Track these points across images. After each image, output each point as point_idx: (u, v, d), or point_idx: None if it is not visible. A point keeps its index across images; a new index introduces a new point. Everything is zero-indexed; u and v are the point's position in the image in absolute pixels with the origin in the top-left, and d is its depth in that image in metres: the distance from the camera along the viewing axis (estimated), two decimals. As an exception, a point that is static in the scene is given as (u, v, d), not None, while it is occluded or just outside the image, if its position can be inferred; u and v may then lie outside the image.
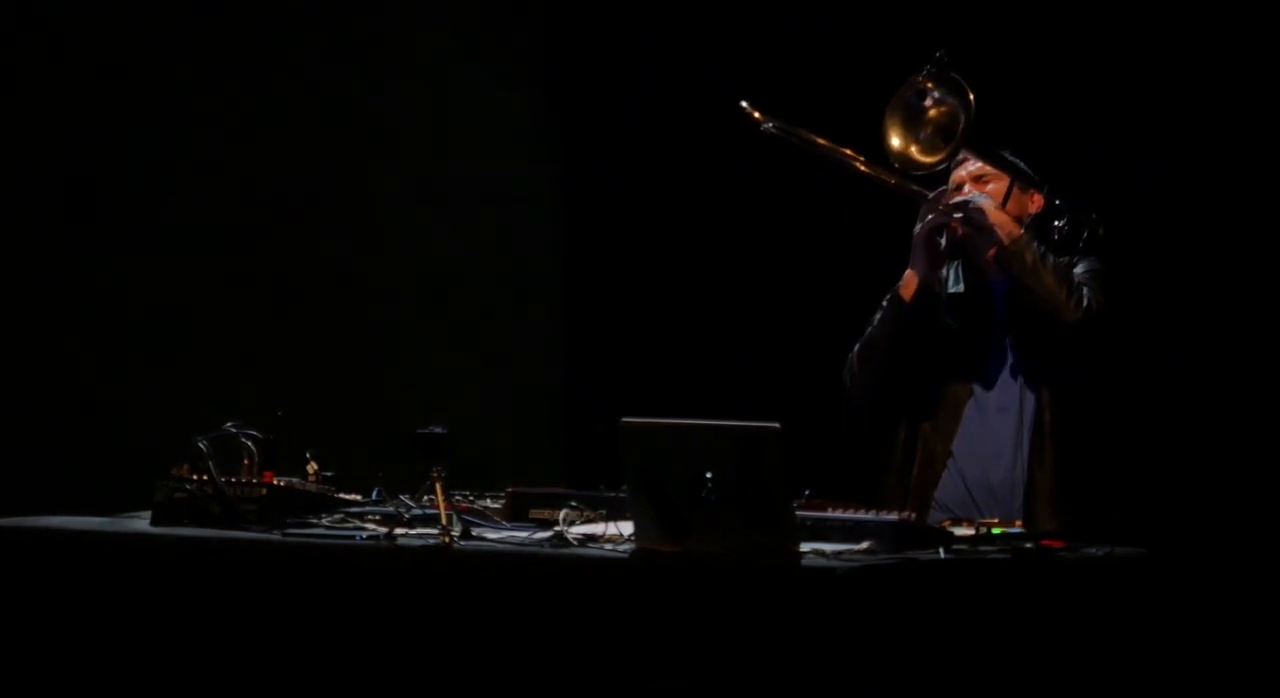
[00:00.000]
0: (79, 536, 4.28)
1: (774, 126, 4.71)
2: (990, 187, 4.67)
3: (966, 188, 4.68)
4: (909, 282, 4.68)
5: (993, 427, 4.63)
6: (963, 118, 4.55)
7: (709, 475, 3.66)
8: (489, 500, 4.40)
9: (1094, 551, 4.07)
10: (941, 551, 3.87)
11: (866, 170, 4.68)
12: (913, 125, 4.65)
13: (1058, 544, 4.03)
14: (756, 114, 4.71)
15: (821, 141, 4.72)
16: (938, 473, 4.66)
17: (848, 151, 4.70)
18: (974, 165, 4.71)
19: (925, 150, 4.65)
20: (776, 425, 3.65)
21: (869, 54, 5.87)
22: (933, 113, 4.64)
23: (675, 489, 3.69)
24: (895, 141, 4.64)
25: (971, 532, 4.04)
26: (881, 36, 6.00)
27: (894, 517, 4.03)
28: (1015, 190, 4.65)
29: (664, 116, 6.42)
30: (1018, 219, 4.62)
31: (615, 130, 6.48)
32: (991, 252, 4.58)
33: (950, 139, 4.59)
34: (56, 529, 4.31)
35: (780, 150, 4.80)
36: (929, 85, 4.63)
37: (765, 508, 3.67)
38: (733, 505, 3.66)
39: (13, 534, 4.28)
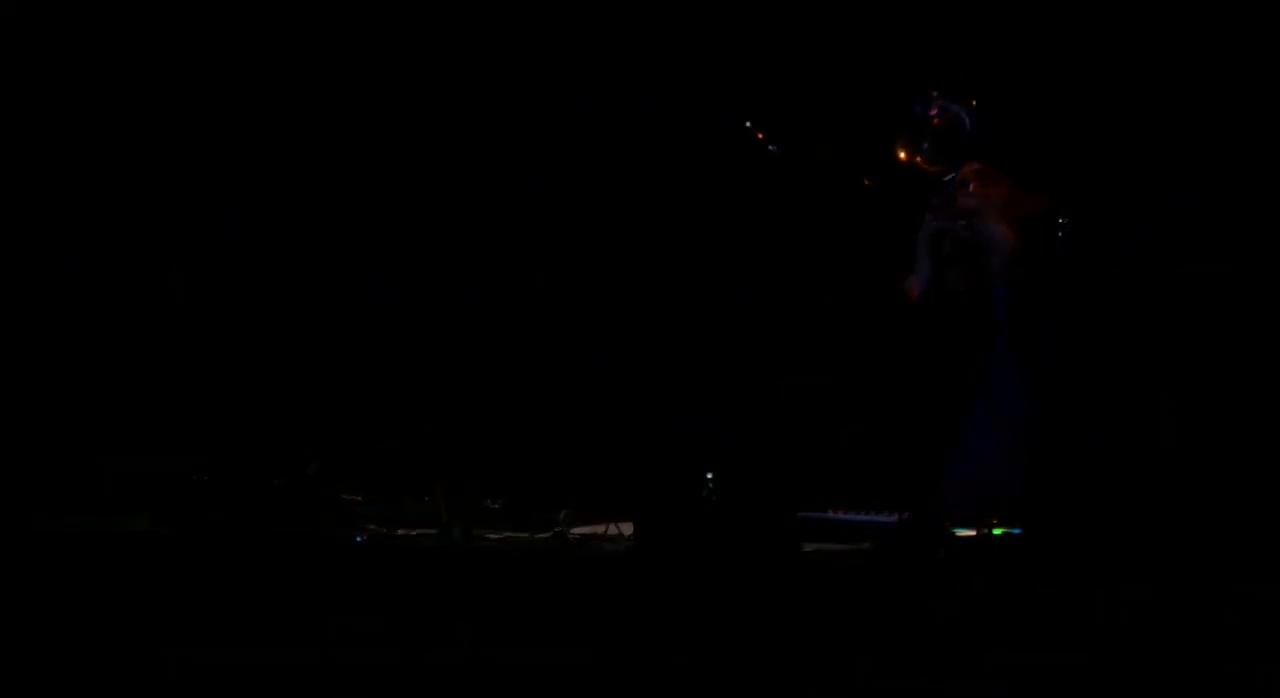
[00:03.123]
0: (80, 536, 4.28)
1: (778, 149, 4.74)
2: (992, 187, 4.68)
3: (970, 186, 4.69)
4: (913, 284, 4.69)
5: (992, 428, 4.64)
6: (967, 124, 4.57)
7: (710, 476, 3.67)
8: None
9: (1091, 548, 4.09)
10: (942, 550, 3.88)
11: (873, 185, 4.70)
12: (918, 135, 4.67)
13: (1056, 543, 4.05)
14: (760, 135, 4.74)
15: (826, 159, 4.75)
16: (939, 474, 4.67)
17: (853, 170, 4.73)
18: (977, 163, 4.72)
19: (931, 160, 4.67)
20: (777, 427, 3.66)
21: (872, 53, 5.87)
22: (936, 122, 4.65)
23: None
24: (901, 153, 4.66)
25: (972, 532, 4.05)
26: (885, 35, 6.00)
27: (894, 517, 4.04)
28: (1018, 190, 4.66)
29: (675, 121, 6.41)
30: (1021, 219, 4.63)
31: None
32: (994, 257, 4.60)
33: (955, 147, 4.60)
34: (61, 530, 4.32)
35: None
36: (933, 95, 4.65)
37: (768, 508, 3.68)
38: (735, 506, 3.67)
39: (21, 535, 4.29)
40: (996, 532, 4.06)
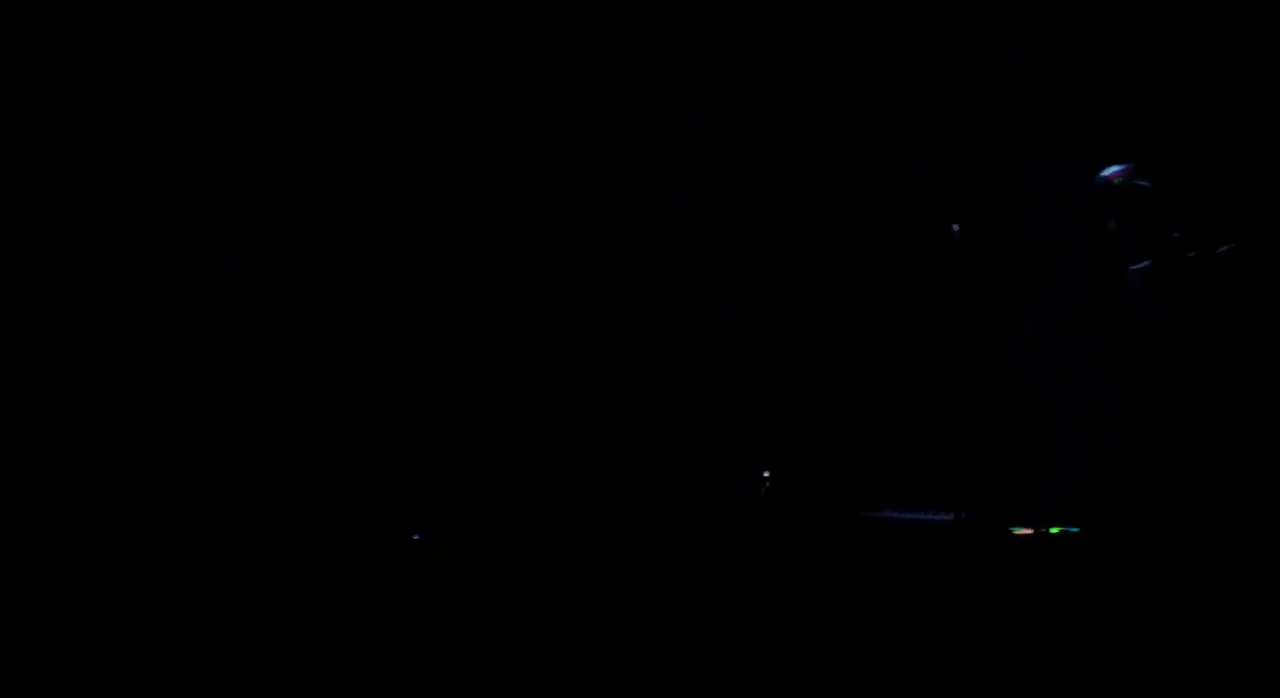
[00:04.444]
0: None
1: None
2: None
3: None
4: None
5: (1068, 435, 4.64)
6: (1150, 192, 4.67)
7: (766, 475, 3.69)
8: None
9: (1147, 545, 4.08)
10: (995, 547, 3.89)
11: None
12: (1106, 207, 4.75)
13: (1117, 541, 4.05)
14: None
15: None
16: (998, 473, 4.67)
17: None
18: None
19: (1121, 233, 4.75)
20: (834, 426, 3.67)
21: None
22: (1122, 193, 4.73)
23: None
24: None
25: (1029, 531, 4.05)
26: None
27: (949, 516, 4.05)
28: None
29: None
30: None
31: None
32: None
33: (1146, 220, 4.70)
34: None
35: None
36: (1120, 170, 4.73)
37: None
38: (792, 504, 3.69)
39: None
40: (1054, 530, 4.06)
